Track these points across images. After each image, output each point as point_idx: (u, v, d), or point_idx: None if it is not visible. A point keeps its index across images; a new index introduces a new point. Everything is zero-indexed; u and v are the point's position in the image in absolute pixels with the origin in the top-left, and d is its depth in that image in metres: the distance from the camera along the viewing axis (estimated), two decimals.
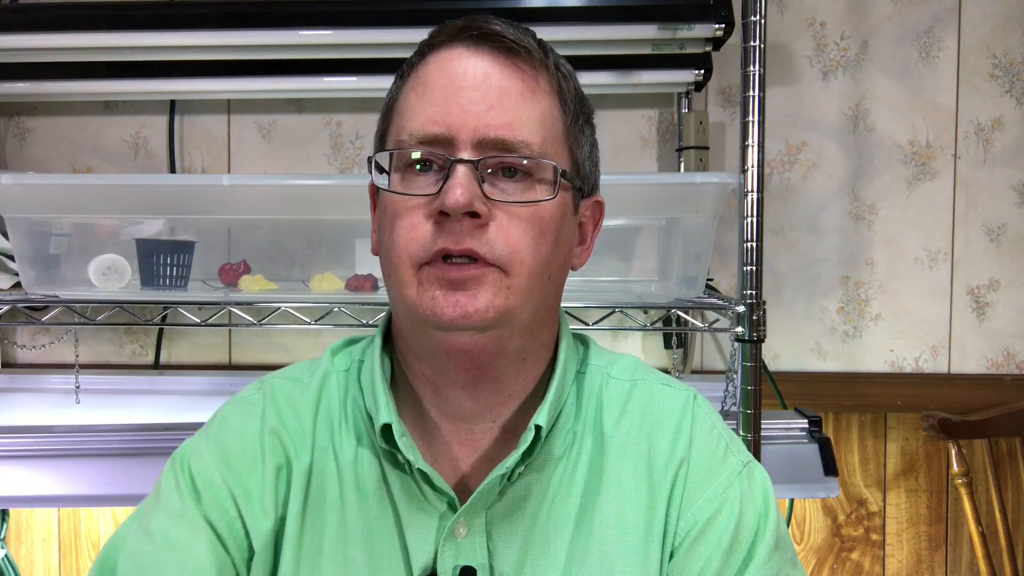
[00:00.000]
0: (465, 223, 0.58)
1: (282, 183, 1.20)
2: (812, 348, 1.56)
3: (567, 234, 0.65)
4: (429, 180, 0.61)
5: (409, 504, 0.64)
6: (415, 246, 0.60)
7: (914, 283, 1.55)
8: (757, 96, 1.09)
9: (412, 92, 0.63)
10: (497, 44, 0.62)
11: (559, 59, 0.66)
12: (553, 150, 0.63)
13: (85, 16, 1.35)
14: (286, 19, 1.34)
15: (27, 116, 1.57)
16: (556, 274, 0.65)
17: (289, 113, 1.55)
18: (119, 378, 1.50)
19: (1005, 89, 1.53)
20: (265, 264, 1.30)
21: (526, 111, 0.61)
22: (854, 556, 1.56)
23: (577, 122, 0.66)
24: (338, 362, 0.71)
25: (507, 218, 0.60)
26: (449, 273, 0.59)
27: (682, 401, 0.69)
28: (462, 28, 0.62)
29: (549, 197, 0.61)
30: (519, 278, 0.60)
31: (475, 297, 0.59)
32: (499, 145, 0.60)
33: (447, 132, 0.60)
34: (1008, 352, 1.55)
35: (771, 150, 1.52)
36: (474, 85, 0.60)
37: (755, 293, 1.11)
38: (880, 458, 1.55)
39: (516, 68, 0.62)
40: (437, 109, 0.60)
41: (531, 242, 0.60)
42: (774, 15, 1.52)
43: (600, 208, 0.72)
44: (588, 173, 0.68)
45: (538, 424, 0.62)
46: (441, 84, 0.61)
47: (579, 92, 0.68)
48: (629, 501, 0.64)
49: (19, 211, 1.19)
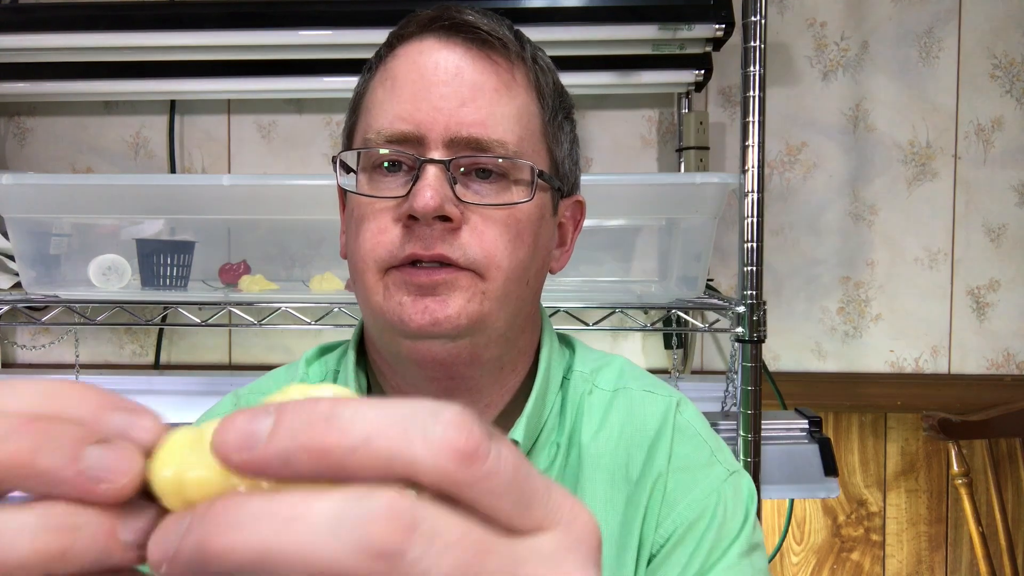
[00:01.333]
0: (436, 227, 0.55)
1: (282, 183, 1.20)
2: (812, 348, 1.56)
3: (545, 237, 0.62)
4: (398, 181, 0.58)
5: None
6: (382, 250, 0.56)
7: (914, 283, 1.55)
8: (757, 96, 1.09)
9: (380, 87, 0.60)
10: (470, 35, 0.58)
11: (537, 51, 0.63)
12: (530, 148, 0.59)
13: (85, 16, 1.35)
14: (286, 19, 1.34)
15: (27, 116, 1.57)
16: (534, 279, 0.61)
17: (289, 113, 1.55)
18: (119, 378, 1.50)
19: (1005, 89, 1.53)
20: (265, 264, 1.30)
21: (501, 107, 0.58)
22: (854, 556, 1.55)
23: (556, 118, 0.63)
24: (313, 373, 0.68)
25: (481, 221, 0.57)
26: (417, 278, 0.55)
27: (663, 409, 0.65)
28: (433, 18, 0.59)
29: (525, 199, 0.58)
30: (495, 283, 0.57)
31: (446, 303, 0.55)
32: (472, 144, 0.57)
33: (416, 130, 0.57)
34: (1008, 352, 1.55)
35: (771, 150, 1.52)
36: (445, 80, 0.57)
37: (755, 293, 1.11)
38: (880, 458, 1.55)
39: (490, 61, 0.58)
40: (406, 105, 0.57)
41: (507, 246, 0.57)
42: (774, 15, 1.52)
43: (581, 208, 0.68)
44: (568, 172, 0.65)
45: (514, 439, 0.59)
46: (411, 79, 0.58)
47: (558, 86, 0.64)
48: (603, 514, 0.61)
49: (19, 211, 1.19)
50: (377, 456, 0.21)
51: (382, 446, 0.21)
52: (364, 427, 0.21)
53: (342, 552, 0.20)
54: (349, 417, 0.21)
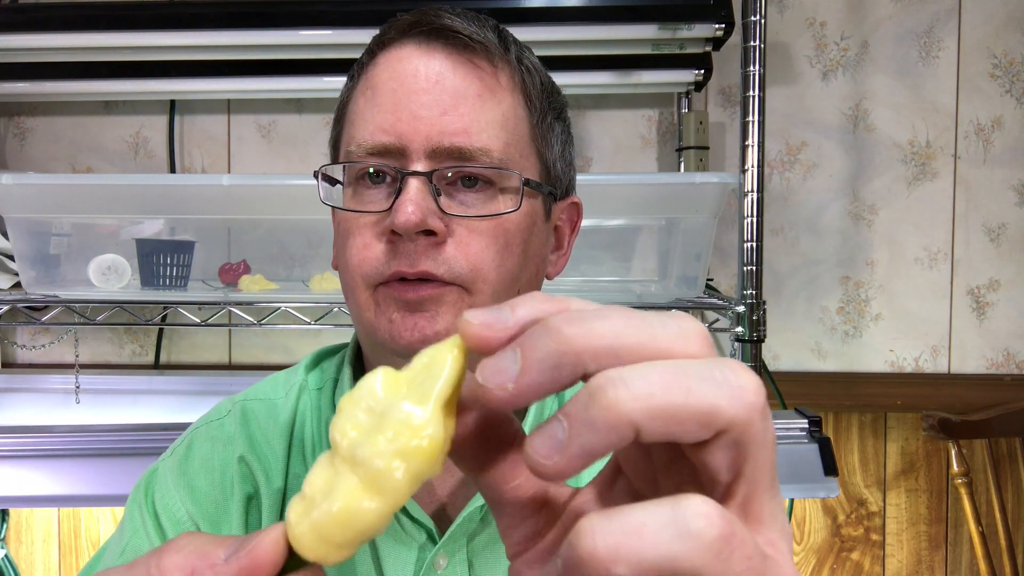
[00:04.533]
0: (420, 242, 0.54)
1: (282, 183, 1.20)
2: (812, 348, 1.56)
3: (538, 243, 0.60)
4: (381, 194, 0.56)
5: (386, 536, 0.59)
6: (368, 267, 0.55)
7: (914, 283, 1.55)
8: (757, 96, 1.09)
9: (361, 97, 0.58)
10: (451, 40, 0.56)
11: (523, 51, 0.61)
12: (517, 154, 0.57)
13: (85, 16, 1.35)
14: (286, 19, 1.34)
15: (27, 116, 1.57)
16: (526, 288, 0.59)
17: (289, 113, 1.55)
18: (119, 378, 1.50)
19: (1005, 89, 1.53)
20: (265, 264, 1.30)
21: (485, 114, 0.56)
22: (854, 556, 1.55)
23: (545, 120, 0.61)
24: (312, 380, 0.67)
25: (467, 233, 0.55)
26: (405, 294, 0.54)
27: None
28: (412, 23, 0.57)
29: (512, 209, 0.56)
30: (482, 296, 0.55)
31: (434, 320, 0.54)
32: (455, 154, 0.55)
33: (398, 141, 0.55)
34: (1008, 352, 1.55)
35: (771, 150, 1.52)
36: (426, 88, 0.55)
37: (755, 293, 1.11)
38: (880, 458, 1.55)
39: (472, 66, 0.56)
40: (386, 116, 0.55)
41: (495, 257, 0.55)
42: (774, 15, 1.52)
43: (577, 209, 0.66)
44: (560, 174, 0.63)
45: None
46: (390, 88, 0.56)
47: (547, 86, 0.62)
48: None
49: (19, 211, 1.19)
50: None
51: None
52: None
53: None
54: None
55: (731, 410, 0.23)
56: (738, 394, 0.23)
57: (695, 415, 0.23)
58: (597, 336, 0.24)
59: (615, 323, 0.24)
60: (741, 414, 0.23)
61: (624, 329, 0.24)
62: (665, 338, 0.24)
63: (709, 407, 0.23)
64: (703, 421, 0.23)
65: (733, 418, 0.23)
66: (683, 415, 0.23)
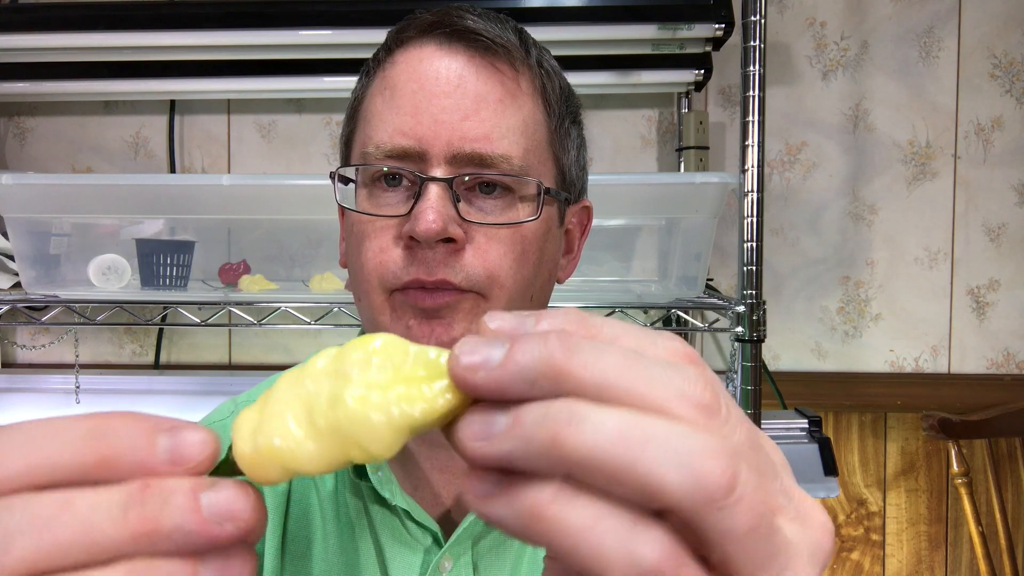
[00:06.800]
0: (439, 250, 0.53)
1: (282, 183, 1.20)
2: (812, 348, 1.56)
3: (551, 250, 0.60)
4: (399, 197, 0.55)
5: (392, 539, 0.60)
6: (384, 272, 0.55)
7: (914, 283, 1.55)
8: (757, 96, 1.09)
9: (379, 96, 0.57)
10: (473, 42, 0.55)
11: (543, 55, 0.60)
12: (536, 160, 0.57)
13: (85, 16, 1.35)
14: (286, 19, 1.34)
15: (27, 116, 1.57)
16: (539, 293, 0.60)
17: (289, 113, 1.55)
18: (119, 378, 1.50)
19: (1005, 89, 1.53)
20: (265, 264, 1.30)
21: (506, 120, 0.55)
22: (854, 556, 1.55)
23: (563, 125, 0.60)
24: None
25: (485, 240, 0.55)
26: (423, 302, 0.54)
27: None
28: (433, 23, 0.56)
29: (532, 218, 0.56)
30: (498, 303, 0.55)
31: (451, 326, 0.54)
32: (476, 160, 0.54)
33: (418, 145, 0.54)
34: (1008, 352, 1.55)
35: (771, 150, 1.52)
36: (447, 91, 0.54)
37: (755, 293, 1.11)
38: (880, 458, 1.55)
39: (494, 70, 0.55)
40: (406, 118, 0.54)
41: (512, 264, 0.55)
42: (774, 15, 1.52)
43: (588, 213, 0.66)
44: (575, 179, 0.63)
45: None
46: (410, 89, 0.55)
47: (564, 89, 0.61)
48: None
49: (19, 211, 1.19)
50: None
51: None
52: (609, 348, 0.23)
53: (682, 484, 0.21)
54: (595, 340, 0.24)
55: (678, 491, 0.21)
56: (695, 476, 0.21)
57: (634, 482, 0.21)
58: (587, 369, 0.23)
59: (612, 362, 0.23)
60: (688, 500, 0.21)
61: (619, 370, 0.23)
62: (662, 392, 0.23)
63: (654, 481, 0.21)
64: (643, 492, 0.21)
65: (679, 501, 0.21)
66: (622, 477, 0.21)
